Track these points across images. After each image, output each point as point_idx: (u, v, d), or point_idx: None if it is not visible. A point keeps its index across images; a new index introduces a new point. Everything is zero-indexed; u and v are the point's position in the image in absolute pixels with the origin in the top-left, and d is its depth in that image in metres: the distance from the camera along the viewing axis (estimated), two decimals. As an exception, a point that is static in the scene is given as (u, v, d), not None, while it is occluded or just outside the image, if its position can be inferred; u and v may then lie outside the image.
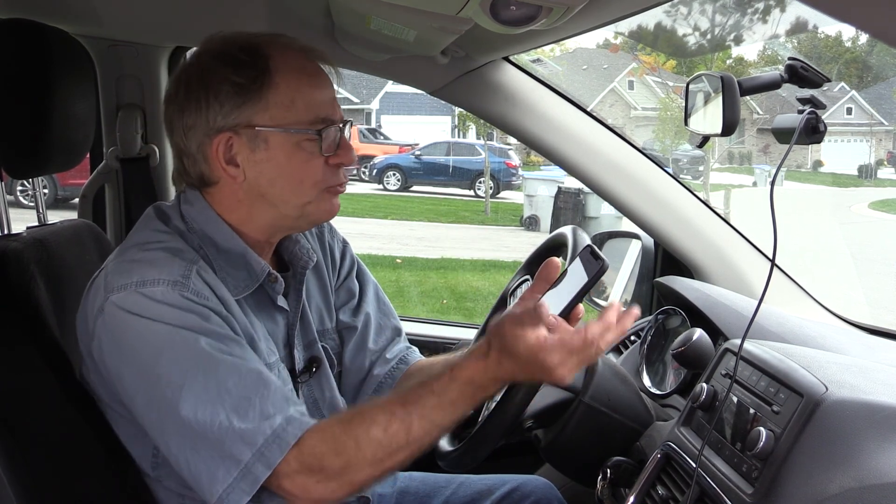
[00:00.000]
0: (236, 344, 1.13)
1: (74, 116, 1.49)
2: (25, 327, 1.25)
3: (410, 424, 1.10)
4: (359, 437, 1.09)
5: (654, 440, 1.44)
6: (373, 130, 21.91)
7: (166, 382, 1.08)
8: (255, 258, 1.23)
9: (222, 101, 1.17)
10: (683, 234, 1.84)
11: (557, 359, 1.09)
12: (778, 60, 23.86)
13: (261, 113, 1.18)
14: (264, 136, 1.18)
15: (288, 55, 1.20)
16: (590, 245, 1.19)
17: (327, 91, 1.23)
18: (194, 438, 1.07)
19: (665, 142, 17.50)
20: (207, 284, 1.15)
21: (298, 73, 1.20)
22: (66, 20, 1.75)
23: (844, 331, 1.72)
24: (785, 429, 1.11)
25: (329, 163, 1.21)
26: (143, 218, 1.25)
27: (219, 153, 1.18)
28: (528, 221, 13.44)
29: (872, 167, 23.10)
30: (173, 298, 1.10)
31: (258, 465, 1.06)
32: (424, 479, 1.58)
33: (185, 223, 1.22)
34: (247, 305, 1.22)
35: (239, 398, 1.08)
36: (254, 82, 1.17)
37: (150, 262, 1.14)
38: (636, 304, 1.99)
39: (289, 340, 1.31)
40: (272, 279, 1.25)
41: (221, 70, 1.18)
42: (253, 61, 1.18)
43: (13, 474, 1.16)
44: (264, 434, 1.07)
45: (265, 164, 1.19)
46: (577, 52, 26.15)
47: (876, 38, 0.60)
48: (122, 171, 2.06)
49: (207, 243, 1.21)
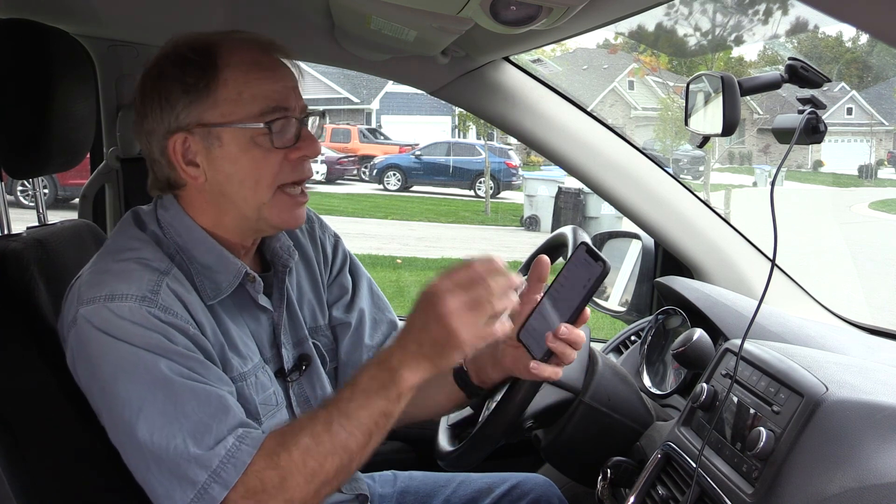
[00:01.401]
0: (200, 365, 1.11)
1: (74, 116, 1.49)
2: (25, 327, 1.24)
3: (331, 423, 1.08)
4: (290, 447, 1.08)
5: (655, 440, 1.44)
6: (373, 130, 21.93)
7: (125, 403, 1.07)
8: (230, 259, 1.21)
9: (173, 102, 1.16)
10: (684, 234, 1.84)
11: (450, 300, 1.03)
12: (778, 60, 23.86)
13: (210, 110, 1.16)
14: (217, 133, 1.16)
15: (239, 50, 1.18)
16: (585, 243, 1.17)
17: (280, 82, 1.18)
18: (150, 460, 1.07)
19: (665, 142, 17.52)
20: (178, 297, 1.13)
21: (248, 66, 1.17)
22: (66, 20, 1.75)
23: (844, 331, 1.71)
24: (785, 429, 1.11)
25: (289, 158, 1.18)
26: (120, 223, 1.25)
27: (177, 154, 1.18)
28: (528, 221, 13.45)
29: (873, 167, 23.11)
30: (140, 316, 1.09)
31: (214, 486, 1.05)
32: (425, 479, 1.58)
33: (161, 228, 1.21)
34: (225, 308, 1.21)
35: (196, 423, 1.07)
36: (201, 80, 1.16)
37: (121, 273, 1.13)
38: (635, 304, 2.01)
39: (275, 340, 1.29)
40: (250, 279, 1.23)
41: (172, 71, 1.17)
42: (201, 59, 1.17)
43: (13, 474, 1.16)
44: (219, 456, 1.06)
45: (221, 162, 1.17)
46: (578, 52, 26.18)
47: (876, 38, 0.60)
48: (122, 171, 2.06)
49: (183, 248, 1.20)
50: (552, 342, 1.13)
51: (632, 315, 2.00)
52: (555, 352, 1.13)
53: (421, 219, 14.21)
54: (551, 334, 1.13)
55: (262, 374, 1.24)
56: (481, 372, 1.30)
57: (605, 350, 1.90)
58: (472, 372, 1.32)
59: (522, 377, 1.26)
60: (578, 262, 1.15)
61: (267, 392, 1.23)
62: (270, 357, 1.28)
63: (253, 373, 1.22)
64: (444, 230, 13.38)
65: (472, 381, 1.31)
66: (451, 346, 1.05)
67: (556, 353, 1.13)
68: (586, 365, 1.47)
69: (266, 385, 1.24)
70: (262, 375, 1.23)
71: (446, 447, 1.42)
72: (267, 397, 1.23)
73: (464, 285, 1.05)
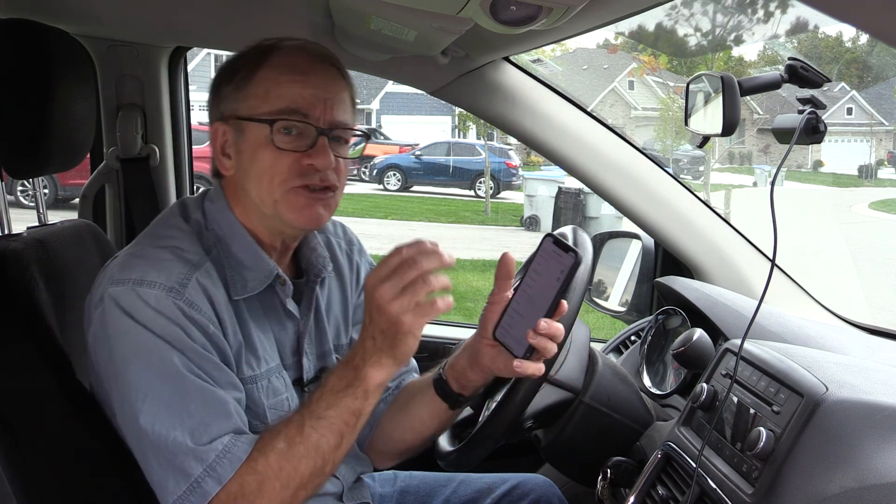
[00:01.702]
0: (212, 366, 1.13)
1: (74, 116, 1.49)
2: (25, 327, 1.24)
3: (302, 426, 1.10)
4: (266, 451, 1.10)
5: (655, 440, 1.44)
6: (373, 130, 21.91)
7: (134, 388, 1.09)
8: (264, 259, 1.22)
9: (222, 90, 1.22)
10: (684, 234, 1.84)
11: (386, 291, 1.06)
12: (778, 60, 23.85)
13: (241, 102, 1.20)
14: (242, 126, 1.19)
15: (287, 53, 1.20)
16: (551, 235, 1.16)
17: (312, 89, 1.19)
18: (149, 447, 1.09)
19: (665, 142, 17.52)
20: (205, 293, 1.15)
21: (284, 68, 1.19)
22: (66, 20, 1.75)
23: (844, 331, 1.71)
24: (785, 429, 1.11)
25: (300, 162, 1.18)
26: (167, 209, 1.28)
27: (216, 143, 1.22)
28: (528, 221, 13.44)
29: (873, 167, 23.11)
30: (164, 306, 1.11)
31: (209, 480, 1.07)
32: (425, 479, 1.58)
33: (205, 218, 1.23)
34: (250, 308, 1.22)
35: (198, 422, 1.09)
36: (244, 74, 1.20)
37: (154, 260, 1.15)
38: (635, 304, 2.01)
39: (298, 347, 1.30)
40: (280, 281, 1.24)
41: (231, 63, 1.23)
42: (252, 55, 1.21)
43: (13, 474, 1.16)
44: (215, 450, 1.08)
45: (243, 156, 1.20)
46: (578, 52, 26.17)
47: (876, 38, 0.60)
48: (122, 171, 2.06)
49: (222, 240, 1.22)
50: (533, 338, 1.13)
51: (632, 315, 2.00)
52: (536, 347, 1.13)
53: (421, 219, 14.20)
54: (532, 331, 1.13)
55: (276, 379, 1.24)
56: (461, 377, 1.29)
57: (605, 350, 1.90)
58: (452, 379, 1.30)
59: (503, 375, 1.26)
60: (547, 255, 1.14)
61: (279, 397, 1.24)
62: (291, 364, 1.29)
63: (266, 376, 1.23)
64: (445, 230, 13.37)
65: (453, 388, 1.29)
66: (398, 332, 1.08)
67: (538, 348, 1.13)
68: (586, 365, 1.47)
69: (279, 390, 1.24)
70: (276, 380, 1.24)
71: (446, 447, 1.42)
72: (278, 402, 1.23)
73: (395, 271, 1.07)
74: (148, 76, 2.05)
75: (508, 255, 1.20)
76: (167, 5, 1.74)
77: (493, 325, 1.20)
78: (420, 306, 1.07)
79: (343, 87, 1.23)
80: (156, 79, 2.05)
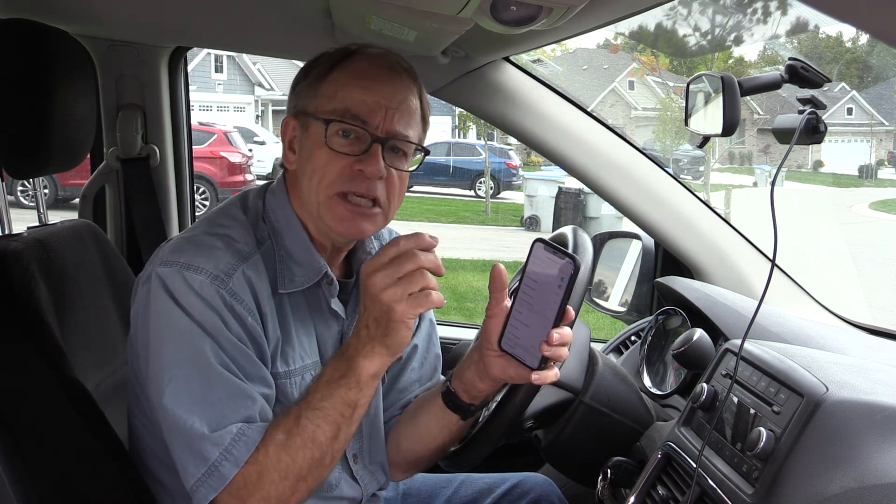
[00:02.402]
0: (245, 358, 1.14)
1: (74, 116, 1.49)
2: (26, 327, 1.24)
3: (299, 416, 1.12)
4: (266, 443, 1.11)
5: (655, 440, 1.44)
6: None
7: (165, 367, 1.12)
8: (315, 257, 1.23)
9: (298, 88, 1.25)
10: (684, 234, 1.84)
11: (380, 280, 1.08)
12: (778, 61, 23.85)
13: (311, 100, 1.22)
14: (307, 123, 1.21)
15: (362, 59, 1.22)
16: (540, 240, 1.15)
17: (376, 96, 1.19)
18: (171, 426, 1.12)
19: (665, 142, 17.52)
20: (249, 285, 1.16)
21: (355, 73, 1.20)
22: (66, 20, 1.75)
23: (844, 331, 1.71)
24: (785, 429, 1.11)
25: (352, 167, 1.18)
26: (229, 199, 1.29)
27: (286, 135, 1.25)
28: (528, 221, 13.45)
29: (873, 167, 23.13)
30: (208, 292, 1.13)
31: (225, 464, 1.09)
32: (425, 480, 1.58)
33: (264, 209, 1.25)
34: (294, 303, 1.23)
35: (218, 413, 1.10)
36: (319, 73, 1.22)
37: (205, 247, 1.17)
38: (635, 304, 2.01)
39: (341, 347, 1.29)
40: (328, 280, 1.25)
41: (313, 61, 1.25)
42: (332, 56, 1.23)
43: (13, 474, 1.16)
44: (231, 433, 1.10)
45: (304, 152, 1.22)
46: (578, 53, 26.18)
47: (876, 38, 0.60)
48: (122, 171, 2.06)
49: (277, 232, 1.23)
50: (548, 351, 1.13)
51: (632, 315, 2.00)
52: (550, 357, 1.14)
53: (421, 219, 14.19)
54: (545, 344, 1.13)
55: (311, 377, 1.24)
56: (470, 388, 1.28)
57: (605, 350, 1.90)
58: (461, 391, 1.29)
59: (516, 383, 1.26)
60: (539, 261, 1.13)
61: None
62: None
63: (301, 372, 1.24)
64: (445, 230, 13.36)
65: (463, 399, 1.29)
66: (390, 320, 1.09)
67: (552, 357, 1.14)
68: (586, 365, 1.47)
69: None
70: (310, 377, 1.24)
71: (446, 447, 1.42)
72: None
73: (392, 262, 1.09)
74: (148, 76, 2.05)
75: (500, 267, 1.20)
76: (167, 5, 1.74)
77: (496, 337, 1.20)
78: (414, 296, 1.09)
79: (412, 99, 1.23)
80: (156, 79, 2.05)
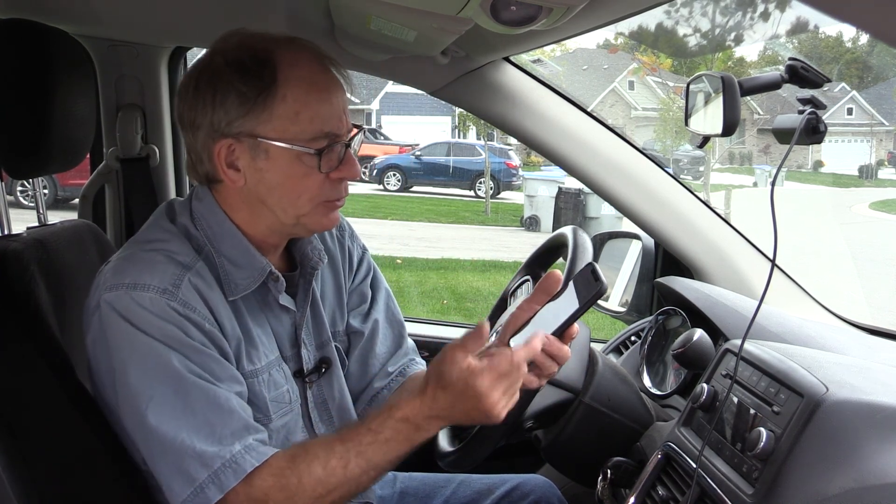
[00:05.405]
0: (213, 361, 1.14)
1: (74, 116, 1.49)
2: (25, 327, 1.24)
3: (347, 461, 1.12)
4: (301, 473, 1.11)
5: (655, 440, 1.44)
6: (373, 131, 21.90)
7: (136, 393, 1.11)
8: (256, 257, 1.22)
9: (227, 107, 1.16)
10: (684, 234, 1.84)
11: (487, 383, 1.09)
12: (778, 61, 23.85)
13: (264, 124, 1.16)
14: (265, 146, 1.16)
15: (298, 64, 1.17)
16: (592, 264, 1.17)
17: (335, 105, 1.19)
18: (158, 447, 1.11)
19: (665, 142, 17.52)
20: (199, 293, 1.15)
21: (307, 86, 1.17)
22: (66, 20, 1.75)
23: (844, 331, 1.71)
24: (785, 429, 1.11)
25: (330, 178, 1.19)
26: (154, 213, 1.27)
27: (221, 157, 1.18)
28: (528, 222, 13.44)
29: (873, 167, 23.12)
30: (159, 308, 1.11)
31: (211, 487, 1.09)
32: (424, 480, 1.58)
33: (192, 220, 1.22)
34: (247, 304, 1.23)
35: (202, 421, 1.10)
36: (259, 94, 1.15)
37: (146, 264, 1.15)
38: (635, 305, 2.01)
39: (296, 339, 1.31)
40: (273, 278, 1.24)
41: (229, 76, 1.16)
42: (260, 72, 1.15)
43: (13, 474, 1.16)
44: (222, 458, 1.09)
45: (265, 174, 1.18)
46: (578, 53, 26.18)
47: (876, 38, 0.60)
48: (122, 171, 2.06)
49: (212, 240, 1.21)
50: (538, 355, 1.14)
51: (632, 315, 2.00)
52: (536, 363, 1.15)
53: (421, 219, 14.20)
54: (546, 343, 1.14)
55: (276, 372, 1.25)
56: None
57: (605, 350, 1.90)
58: None
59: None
60: (580, 281, 1.16)
61: (280, 390, 1.25)
62: (290, 356, 1.30)
63: (266, 370, 1.24)
64: (445, 230, 13.37)
65: None
66: (483, 420, 1.13)
67: (538, 363, 1.15)
68: (586, 365, 1.47)
69: (279, 383, 1.26)
70: (276, 373, 1.25)
71: (446, 447, 1.42)
72: (279, 395, 1.25)
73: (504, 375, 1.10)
74: (148, 76, 2.05)
75: (557, 273, 1.21)
76: (167, 5, 1.74)
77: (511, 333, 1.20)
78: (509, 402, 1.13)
79: (343, 87, 1.23)
80: (156, 79, 2.05)
